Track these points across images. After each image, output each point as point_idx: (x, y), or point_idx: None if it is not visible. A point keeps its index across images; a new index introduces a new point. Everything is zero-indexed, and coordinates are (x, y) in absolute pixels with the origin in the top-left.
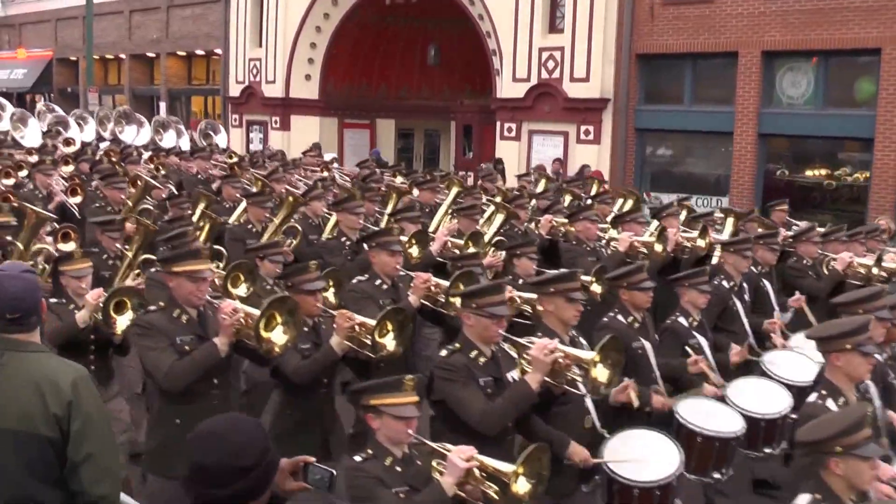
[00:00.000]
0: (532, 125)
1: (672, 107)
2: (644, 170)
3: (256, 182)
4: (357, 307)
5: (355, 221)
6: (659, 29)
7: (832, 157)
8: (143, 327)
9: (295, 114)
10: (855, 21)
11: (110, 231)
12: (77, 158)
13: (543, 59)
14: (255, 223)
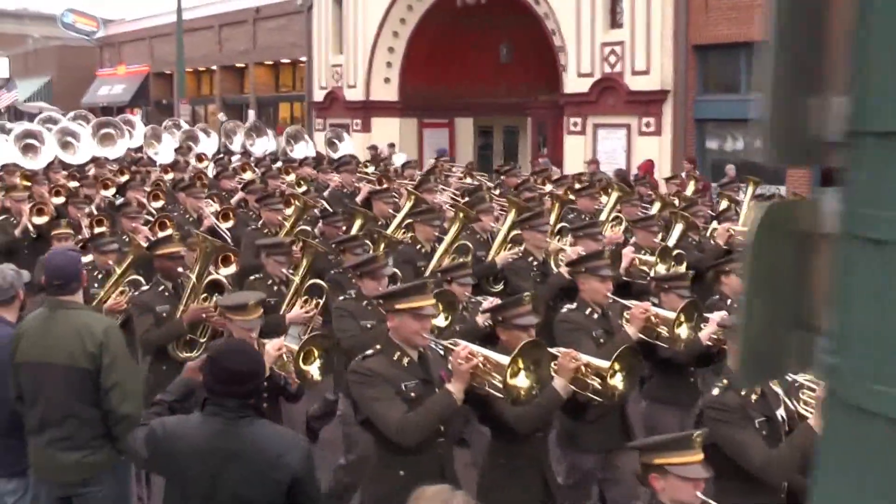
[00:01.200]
0: (596, 119)
1: (729, 96)
2: (705, 159)
3: (409, 195)
4: (569, 340)
5: (542, 240)
6: (714, 19)
7: None
8: (364, 375)
9: (375, 116)
10: None
11: (277, 255)
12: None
13: (606, 53)
14: (425, 243)
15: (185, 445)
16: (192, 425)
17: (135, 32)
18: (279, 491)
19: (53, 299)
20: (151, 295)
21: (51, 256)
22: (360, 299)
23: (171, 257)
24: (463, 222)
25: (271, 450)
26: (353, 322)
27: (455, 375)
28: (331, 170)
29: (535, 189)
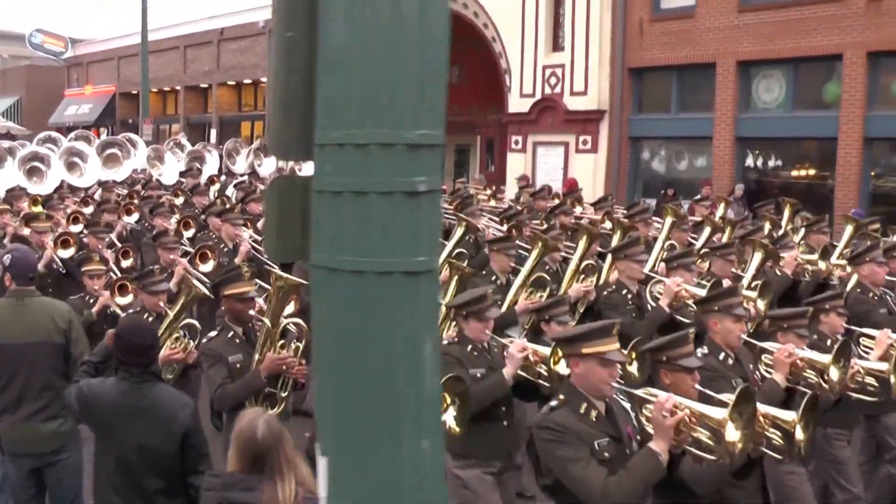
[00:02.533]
0: (536, 137)
1: (660, 115)
2: (637, 175)
3: (459, 222)
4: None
5: (638, 270)
6: (647, 44)
7: (803, 156)
8: (554, 430)
9: None
10: (818, 30)
11: None
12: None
13: (547, 75)
14: (500, 274)
15: (102, 403)
16: (107, 386)
17: (102, 53)
18: (174, 440)
19: (24, 290)
20: (221, 343)
21: (26, 254)
22: (465, 343)
23: (241, 298)
24: (542, 252)
25: (168, 408)
26: (463, 370)
27: (658, 431)
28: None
29: (571, 213)
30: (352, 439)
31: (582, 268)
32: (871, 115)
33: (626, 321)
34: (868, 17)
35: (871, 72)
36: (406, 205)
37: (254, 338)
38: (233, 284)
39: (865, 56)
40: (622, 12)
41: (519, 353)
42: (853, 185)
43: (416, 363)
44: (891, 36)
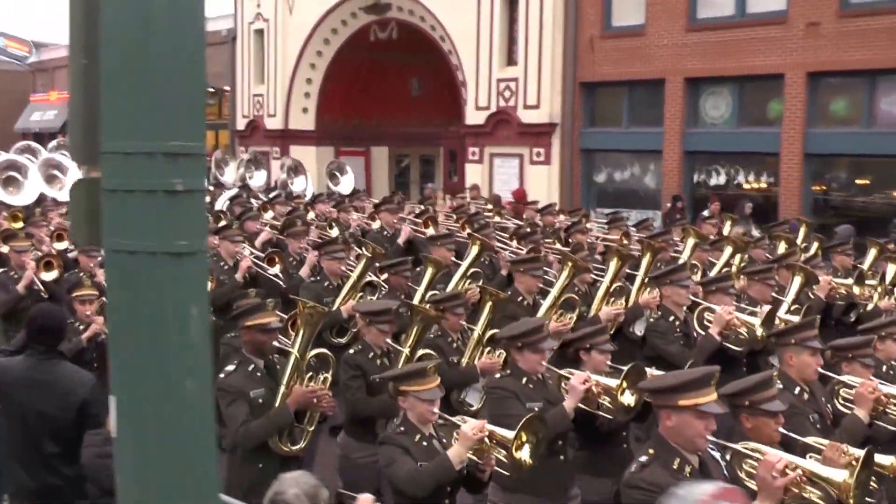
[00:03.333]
0: (493, 149)
1: (611, 129)
2: (590, 187)
3: (474, 242)
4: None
5: (685, 296)
6: (599, 59)
7: (748, 170)
8: (648, 491)
9: (293, 144)
10: (762, 51)
11: (455, 308)
12: None
13: (501, 88)
14: (526, 295)
15: (10, 376)
16: (16, 362)
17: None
18: (70, 409)
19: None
20: (241, 377)
21: None
22: (519, 376)
23: (264, 329)
24: (572, 274)
25: (68, 383)
26: (520, 405)
27: (764, 492)
28: (350, 207)
29: (587, 231)
30: (133, 382)
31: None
32: (811, 132)
33: (674, 350)
34: (808, 39)
35: (810, 91)
36: (167, 201)
37: (275, 370)
38: (255, 315)
39: (805, 76)
40: (574, 28)
41: (581, 386)
42: (795, 197)
43: (183, 321)
44: (829, 57)
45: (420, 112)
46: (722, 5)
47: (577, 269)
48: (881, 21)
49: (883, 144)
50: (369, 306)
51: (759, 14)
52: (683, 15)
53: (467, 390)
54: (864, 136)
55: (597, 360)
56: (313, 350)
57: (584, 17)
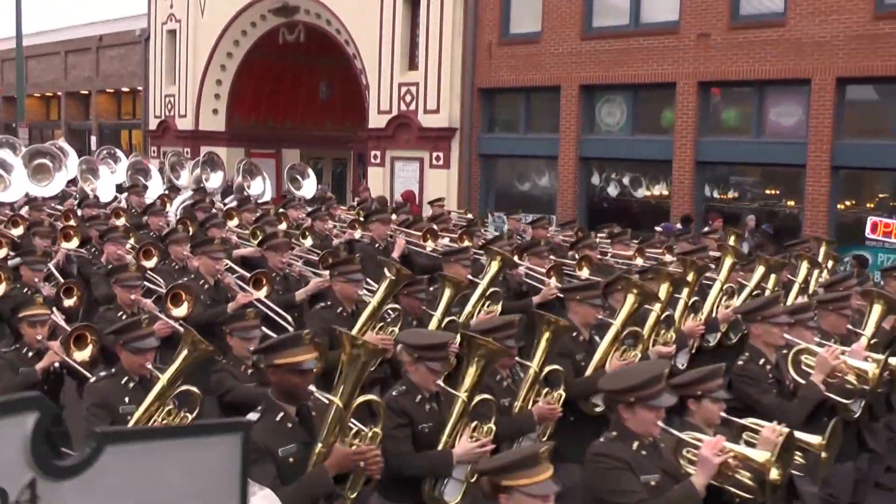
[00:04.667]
0: (394, 152)
1: (509, 134)
2: (488, 191)
3: (493, 257)
4: None
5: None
6: (496, 66)
7: (642, 177)
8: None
9: (204, 145)
10: (655, 60)
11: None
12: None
13: (402, 93)
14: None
15: None
16: None
17: None
18: None
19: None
20: (267, 430)
21: None
22: (629, 439)
23: (297, 370)
24: (639, 302)
25: None
26: (634, 479)
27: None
28: (326, 214)
29: (596, 247)
30: None
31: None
32: (702, 141)
33: (769, 402)
34: (698, 50)
35: (701, 100)
36: None
37: (310, 419)
38: (288, 350)
39: (697, 85)
40: (472, 35)
41: (716, 458)
42: (688, 204)
43: None
44: (719, 68)
45: (330, 115)
46: (616, 15)
47: (644, 296)
48: (769, 34)
49: (771, 154)
50: (419, 338)
51: (652, 24)
52: (578, 23)
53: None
54: (753, 145)
55: (709, 411)
56: (360, 396)
57: (483, 24)
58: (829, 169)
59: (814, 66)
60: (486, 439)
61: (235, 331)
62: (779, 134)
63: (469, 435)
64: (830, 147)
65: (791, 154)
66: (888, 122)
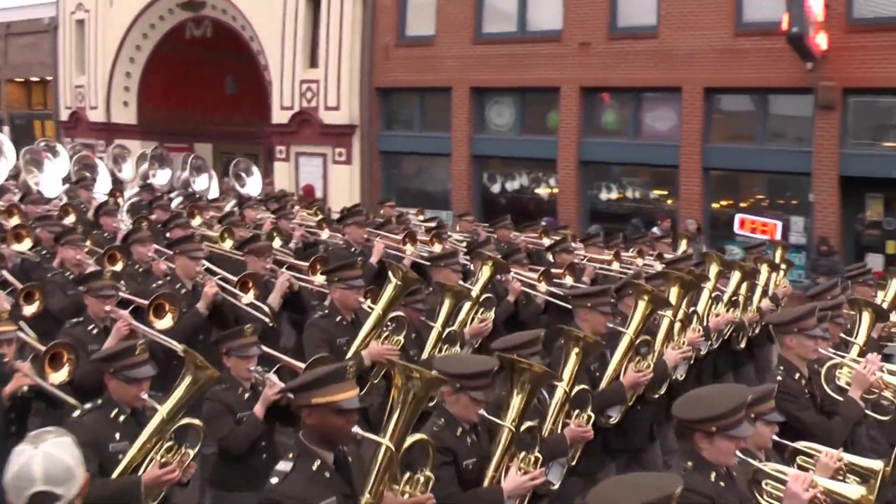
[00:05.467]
0: (298, 148)
1: (406, 132)
2: (389, 187)
3: (485, 262)
4: None
5: (813, 349)
6: (393, 66)
7: (530, 175)
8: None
9: (117, 137)
10: (541, 65)
11: (531, 356)
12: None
13: (304, 90)
14: None
15: None
16: None
17: None
18: None
19: None
20: (302, 482)
21: None
22: (706, 470)
23: (339, 410)
24: (650, 310)
25: None
26: None
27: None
28: (292, 214)
29: (572, 250)
30: None
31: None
32: (585, 142)
33: (810, 419)
34: (580, 57)
35: (584, 104)
36: None
37: (347, 467)
38: (328, 387)
39: (579, 90)
40: (370, 36)
41: (805, 493)
42: (573, 201)
43: None
44: (599, 74)
45: (238, 110)
46: (505, 22)
47: (655, 304)
48: (644, 45)
49: (648, 155)
50: (461, 365)
51: (538, 32)
52: (470, 29)
53: (550, 465)
54: (631, 147)
55: (762, 434)
56: (412, 436)
57: (381, 26)
58: (701, 170)
59: (684, 75)
60: (537, 471)
61: (234, 350)
62: (654, 137)
63: (517, 466)
64: (701, 150)
65: (666, 156)
66: (752, 128)
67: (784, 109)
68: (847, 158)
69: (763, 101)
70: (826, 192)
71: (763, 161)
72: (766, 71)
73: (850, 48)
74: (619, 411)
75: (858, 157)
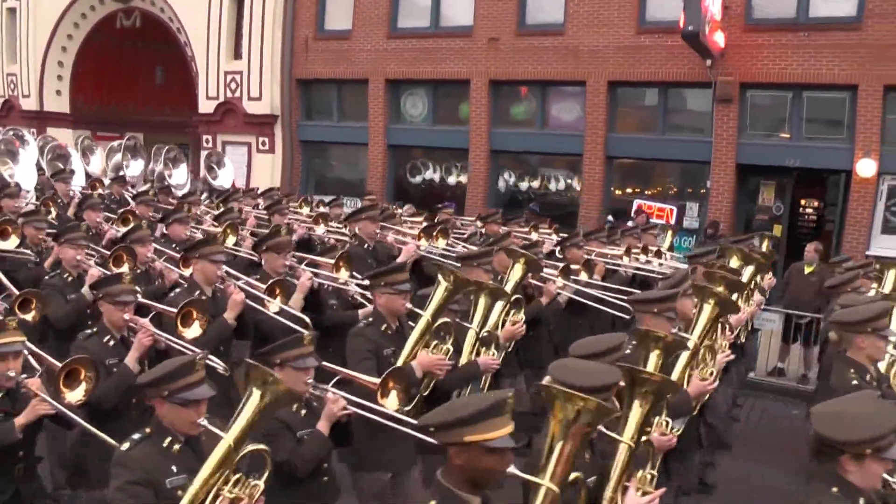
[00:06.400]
0: (224, 137)
1: (325, 122)
2: (310, 175)
3: (517, 260)
4: None
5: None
6: (312, 59)
7: (444, 164)
8: None
9: (50, 126)
10: (452, 59)
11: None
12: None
13: (228, 80)
14: None
15: None
16: None
17: None
18: None
19: None
20: None
21: None
22: (852, 495)
23: (492, 448)
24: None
25: None
26: None
27: None
28: (290, 209)
29: (583, 246)
30: None
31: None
32: (495, 132)
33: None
34: (489, 51)
35: (493, 96)
36: None
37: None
38: (483, 424)
39: (488, 83)
40: (291, 28)
41: None
42: (482, 188)
43: None
44: (508, 68)
45: (169, 100)
46: (419, 17)
47: (724, 309)
48: (550, 41)
49: (554, 144)
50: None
51: (450, 27)
52: (385, 23)
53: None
54: (538, 137)
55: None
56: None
57: (301, 20)
58: (604, 158)
59: (588, 70)
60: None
61: (289, 361)
62: (560, 127)
63: (635, 486)
64: (604, 140)
65: (571, 145)
66: (654, 120)
67: (685, 103)
68: (743, 148)
69: (664, 94)
70: (723, 180)
71: (664, 150)
72: (668, 66)
73: (748, 46)
74: (683, 422)
75: (754, 147)
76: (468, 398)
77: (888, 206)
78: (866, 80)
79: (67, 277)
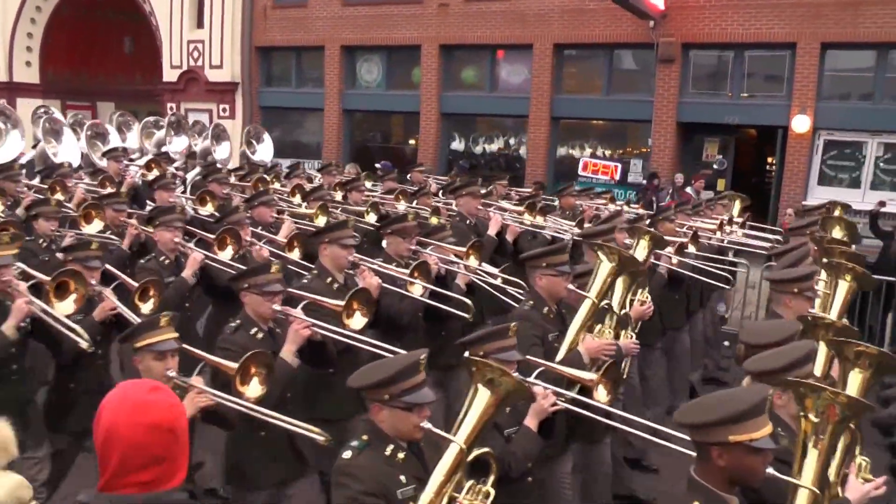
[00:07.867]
0: (187, 104)
1: (284, 88)
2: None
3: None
4: None
5: None
6: (270, 27)
7: (396, 127)
8: None
9: (20, 97)
10: (404, 25)
11: None
12: None
13: (191, 49)
14: None
15: None
16: None
17: None
18: None
19: None
20: None
21: None
22: None
23: (755, 448)
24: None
25: None
26: None
27: None
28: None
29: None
30: None
31: None
32: (445, 96)
33: None
34: (439, 17)
35: (443, 60)
36: None
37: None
38: (747, 423)
39: (438, 48)
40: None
41: None
42: (432, 150)
43: None
44: (457, 33)
45: (139, 69)
46: None
47: (860, 282)
48: (498, 6)
49: (503, 106)
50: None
51: None
52: None
53: None
54: (488, 99)
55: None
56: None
57: None
58: (549, 119)
59: (534, 33)
60: (880, 479)
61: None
62: (508, 90)
63: (855, 473)
64: (550, 101)
65: (518, 107)
66: (596, 80)
67: (629, 64)
68: (685, 106)
69: (609, 56)
70: (664, 138)
71: (609, 110)
72: (612, 28)
73: (689, 7)
74: None
75: (695, 105)
76: (718, 395)
77: (824, 159)
78: (804, 38)
79: (164, 261)
